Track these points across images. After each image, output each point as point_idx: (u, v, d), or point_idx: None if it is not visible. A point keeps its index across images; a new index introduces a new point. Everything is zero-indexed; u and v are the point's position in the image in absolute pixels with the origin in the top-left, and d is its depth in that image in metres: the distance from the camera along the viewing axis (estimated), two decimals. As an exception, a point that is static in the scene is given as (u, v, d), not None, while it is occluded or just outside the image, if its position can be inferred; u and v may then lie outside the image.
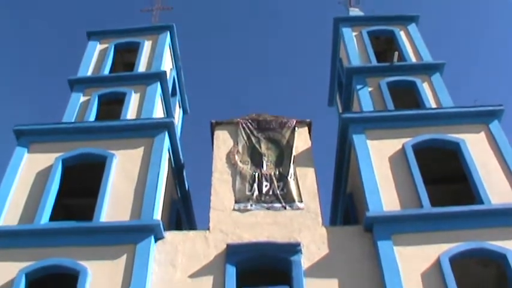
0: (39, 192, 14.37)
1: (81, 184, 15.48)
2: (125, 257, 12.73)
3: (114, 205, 13.91)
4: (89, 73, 18.70)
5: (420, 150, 15.01)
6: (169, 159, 15.80)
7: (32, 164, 15.14)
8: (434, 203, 13.69)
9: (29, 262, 12.76)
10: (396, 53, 18.38)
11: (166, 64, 19.35)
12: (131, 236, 13.04)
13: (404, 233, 12.99)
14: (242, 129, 15.84)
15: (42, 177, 14.75)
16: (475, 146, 15.05)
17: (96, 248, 12.98)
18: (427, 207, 13.49)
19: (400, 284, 12.02)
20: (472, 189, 14.21)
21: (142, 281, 12.25)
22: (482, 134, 15.41)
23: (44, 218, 13.73)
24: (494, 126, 15.52)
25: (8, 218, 13.88)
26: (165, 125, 15.74)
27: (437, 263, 12.38)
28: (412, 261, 12.48)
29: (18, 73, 42.63)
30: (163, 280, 12.58)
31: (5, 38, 41.66)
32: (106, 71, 18.78)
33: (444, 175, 15.85)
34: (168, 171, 15.39)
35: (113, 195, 14.11)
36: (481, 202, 13.66)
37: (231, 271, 12.56)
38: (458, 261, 12.53)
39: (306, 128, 16.13)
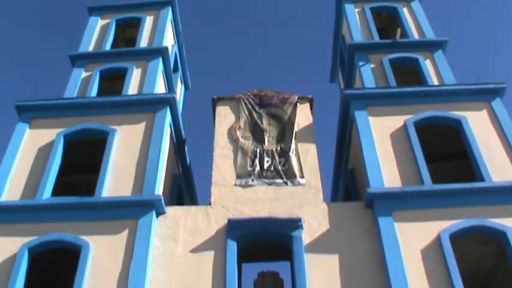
0: (41, 167, 14.39)
1: (83, 159, 15.48)
2: (126, 231, 12.80)
3: (115, 180, 13.94)
4: (91, 49, 18.64)
5: (422, 127, 15.00)
6: (171, 134, 15.80)
7: (34, 140, 15.16)
8: (435, 180, 13.68)
9: (31, 237, 12.80)
10: (399, 30, 18.29)
11: (168, 40, 19.30)
12: (133, 211, 13.08)
13: (405, 210, 13.01)
14: (244, 105, 15.82)
15: (44, 152, 14.77)
16: (477, 123, 15.03)
17: (98, 223, 13.04)
18: (428, 184, 13.50)
19: (400, 260, 12.06)
20: (473, 166, 14.22)
21: (144, 255, 12.32)
22: (484, 112, 15.39)
23: (46, 194, 13.77)
24: (497, 104, 15.50)
25: (10, 193, 13.91)
26: (167, 101, 15.72)
27: (438, 240, 12.41)
28: (413, 237, 12.51)
29: (19, 49, 42.52)
30: (165, 254, 12.63)
31: (5, 13, 41.45)
32: (107, 47, 18.75)
33: (445, 152, 15.85)
34: (169, 147, 15.40)
35: (115, 170, 14.13)
36: (482, 179, 13.66)
37: (232, 246, 12.60)
38: (458, 238, 12.56)
39: (308, 104, 16.09)
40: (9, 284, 12.04)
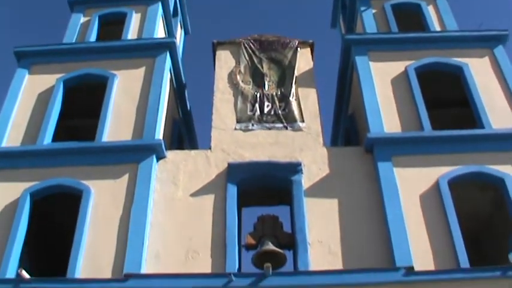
0: (41, 113, 14.41)
1: (83, 105, 15.47)
2: (127, 176, 12.86)
3: (116, 125, 13.96)
4: (89, -7, 18.39)
5: (423, 73, 14.93)
6: (171, 79, 15.73)
7: (33, 86, 15.13)
8: (435, 126, 13.69)
9: (33, 182, 12.88)
10: (402, -25, 18.01)
11: (167, -17, 18.99)
12: (133, 155, 13.12)
13: (404, 155, 13.05)
14: (244, 50, 15.70)
15: (44, 98, 14.76)
16: (479, 70, 14.96)
17: (99, 168, 13.09)
18: (428, 130, 13.52)
19: (399, 204, 12.15)
20: (474, 113, 14.21)
21: (144, 199, 12.41)
22: (486, 59, 15.29)
23: (46, 139, 13.81)
24: (499, 51, 15.39)
25: (10, 139, 13.95)
26: (167, 45, 15.63)
27: (436, 185, 12.47)
28: (411, 182, 12.57)
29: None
30: (165, 198, 12.72)
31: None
32: (106, -9, 18.46)
33: (446, 99, 15.80)
34: (169, 92, 15.35)
35: (115, 115, 14.14)
36: (482, 126, 13.68)
37: (232, 190, 12.67)
38: (456, 184, 12.61)
39: (309, 49, 15.98)
40: (12, 228, 12.14)
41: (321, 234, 12.03)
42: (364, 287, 10.92)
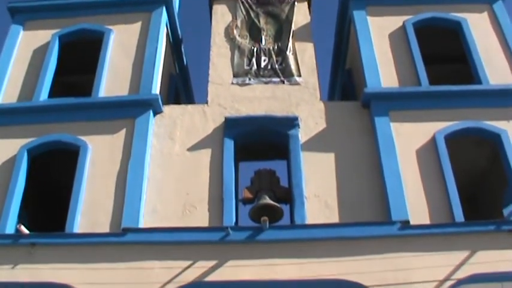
0: (37, 69, 14.30)
1: (79, 60, 15.34)
2: (124, 131, 12.86)
3: (112, 80, 13.89)
4: None
5: (421, 28, 14.78)
6: (167, 34, 15.55)
7: (29, 42, 14.98)
8: (432, 81, 13.63)
9: (30, 138, 12.89)
10: None
11: None
12: (130, 110, 13.10)
13: (401, 110, 13.02)
14: (241, 4, 15.49)
15: (40, 54, 14.63)
16: (477, 26, 14.80)
17: (96, 123, 13.07)
18: (425, 85, 13.47)
19: (395, 159, 12.18)
20: (471, 69, 14.11)
21: (141, 154, 12.42)
22: (485, 14, 15.11)
23: (42, 95, 13.75)
24: (498, 6, 15.18)
25: (6, 95, 13.89)
26: (163, -1, 15.45)
27: (433, 141, 12.49)
28: (408, 137, 12.58)
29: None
30: (162, 153, 12.74)
31: None
32: None
33: (444, 55, 15.69)
34: (166, 46, 15.19)
35: (111, 70, 14.05)
36: (480, 82, 13.60)
37: (229, 144, 12.68)
38: (453, 139, 12.63)
39: (306, 3, 15.79)
40: (10, 185, 12.20)
41: (318, 188, 12.09)
42: (360, 240, 10.99)
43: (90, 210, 11.85)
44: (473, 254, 10.74)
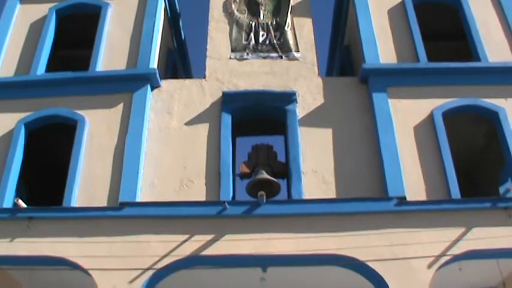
0: (34, 43, 14.21)
1: (76, 35, 15.29)
2: (121, 105, 12.84)
3: (110, 55, 13.82)
4: None
5: (420, 4, 14.70)
6: (165, 8, 15.37)
7: (25, 16, 14.85)
8: (431, 58, 13.56)
9: (27, 113, 12.88)
10: None
11: None
12: (127, 84, 13.06)
13: (399, 86, 12.99)
14: (240, -22, 15.39)
15: (37, 28, 14.51)
16: (477, 3, 14.69)
17: (93, 97, 13.05)
18: (424, 62, 13.39)
19: (393, 135, 12.19)
20: (470, 46, 14.03)
21: (139, 128, 12.42)
22: (485, -9, 15.01)
23: (40, 69, 13.68)
24: (498, -17, 15.09)
25: (3, 69, 13.83)
26: (160, -27, 15.27)
27: (430, 117, 12.49)
28: (406, 114, 12.58)
29: None
30: (160, 128, 12.73)
31: None
32: None
33: (443, 32, 15.61)
34: (164, 21, 15.06)
35: (109, 45, 13.97)
36: (478, 59, 13.54)
37: (227, 119, 12.66)
38: (450, 116, 12.62)
39: (304, -22, 15.66)
40: (8, 159, 12.22)
41: (315, 163, 12.12)
42: (357, 215, 11.06)
43: (87, 184, 11.88)
44: (469, 231, 10.82)
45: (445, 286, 11.96)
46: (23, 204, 11.37)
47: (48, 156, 14.43)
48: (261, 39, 14.12)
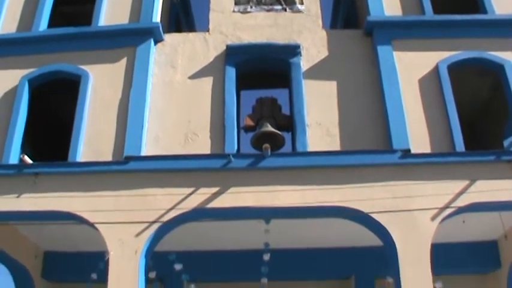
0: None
1: (77, -10, 15.16)
2: (125, 59, 12.76)
3: (112, 9, 13.69)
4: None
5: (425, -44, 14.47)
6: (168, -39, 15.26)
7: (26, -29, 14.67)
8: (437, 10, 13.40)
9: (30, 69, 12.82)
10: None
11: None
12: (131, 38, 12.94)
13: (404, 39, 12.84)
14: None
15: (38, -16, 14.33)
16: (485, -47, 14.44)
17: (97, 52, 12.96)
18: (429, 14, 13.24)
19: (398, 87, 12.12)
20: (477, -2, 13.89)
21: (143, 82, 12.37)
22: (493, -46, 14.73)
23: (42, 25, 13.57)
24: None
25: (5, 26, 13.73)
26: None
27: (435, 70, 12.38)
28: (411, 66, 12.46)
29: None
30: (164, 82, 12.68)
31: None
32: None
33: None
34: (166, -27, 14.92)
35: (111, -1, 13.86)
36: (485, 12, 13.39)
37: (231, 72, 12.58)
38: (456, 69, 12.51)
39: None
40: (12, 116, 12.25)
41: (319, 116, 12.08)
42: (361, 168, 11.05)
43: (92, 139, 11.91)
44: (473, 183, 10.80)
45: (448, 238, 12.07)
46: (29, 161, 11.40)
47: (52, 113, 14.46)
48: (264, -9, 13.99)
